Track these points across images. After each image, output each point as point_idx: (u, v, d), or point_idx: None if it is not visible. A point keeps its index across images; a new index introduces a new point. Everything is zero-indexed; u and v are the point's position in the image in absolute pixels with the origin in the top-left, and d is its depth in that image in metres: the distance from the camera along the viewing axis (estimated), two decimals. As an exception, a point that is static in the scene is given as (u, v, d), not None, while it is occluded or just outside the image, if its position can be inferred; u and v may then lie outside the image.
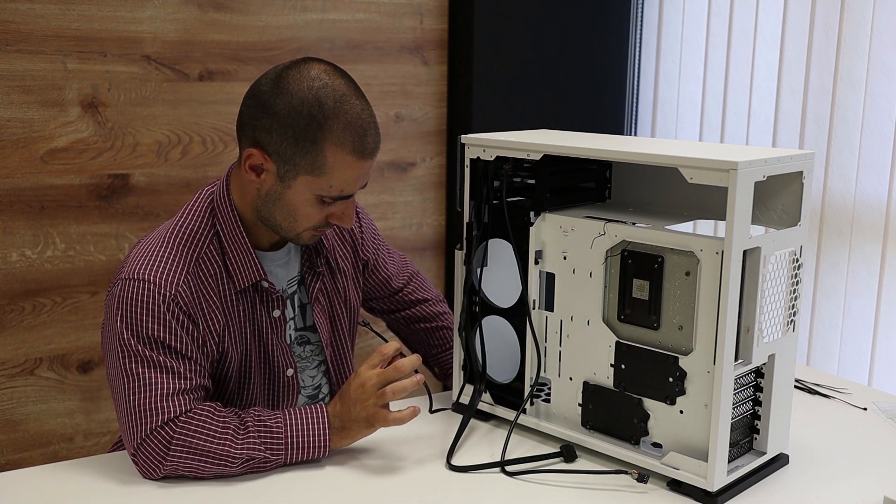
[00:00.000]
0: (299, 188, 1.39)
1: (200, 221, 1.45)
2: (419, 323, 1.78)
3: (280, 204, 1.41)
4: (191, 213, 1.45)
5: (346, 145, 1.36)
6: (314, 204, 1.41)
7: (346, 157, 1.37)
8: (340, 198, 1.41)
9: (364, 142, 1.38)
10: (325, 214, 1.43)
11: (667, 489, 1.35)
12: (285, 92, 1.35)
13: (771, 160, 1.28)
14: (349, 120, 1.36)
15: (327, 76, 1.37)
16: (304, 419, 1.40)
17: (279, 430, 1.38)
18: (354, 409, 1.39)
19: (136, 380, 1.35)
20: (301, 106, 1.34)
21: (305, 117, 1.34)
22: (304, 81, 1.35)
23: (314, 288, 1.56)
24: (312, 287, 1.56)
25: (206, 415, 1.36)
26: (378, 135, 1.41)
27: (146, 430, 1.34)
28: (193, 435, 1.34)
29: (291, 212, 1.41)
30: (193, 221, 1.45)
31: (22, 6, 2.09)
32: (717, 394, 1.28)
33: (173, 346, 1.37)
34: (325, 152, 1.36)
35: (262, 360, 1.51)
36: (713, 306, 1.28)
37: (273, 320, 1.50)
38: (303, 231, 1.45)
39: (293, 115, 1.34)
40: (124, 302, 1.36)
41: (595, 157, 1.40)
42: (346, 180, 1.39)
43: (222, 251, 1.44)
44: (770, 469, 1.41)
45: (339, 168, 1.37)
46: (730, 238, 1.24)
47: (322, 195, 1.39)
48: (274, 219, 1.43)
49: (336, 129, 1.35)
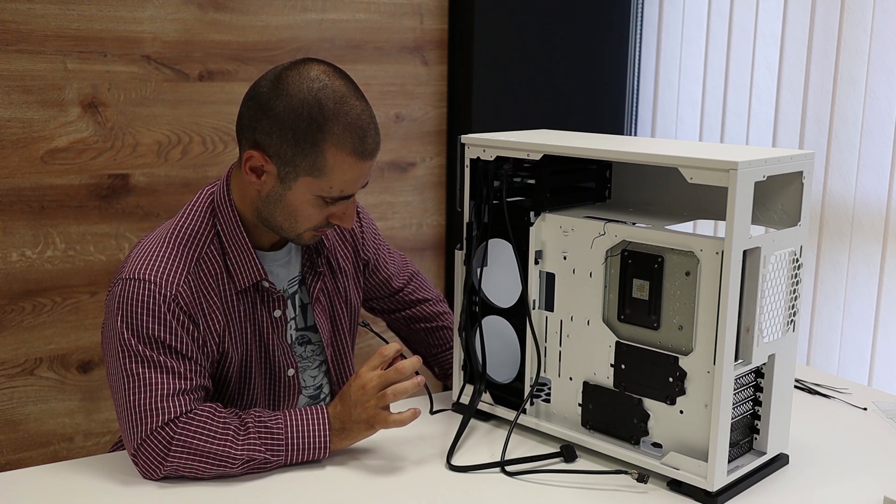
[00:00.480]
0: (300, 189, 1.39)
1: (201, 222, 1.45)
2: (419, 323, 1.78)
3: (281, 205, 1.41)
4: (191, 213, 1.45)
5: (346, 146, 1.36)
6: (315, 205, 1.41)
7: (346, 158, 1.37)
8: (341, 198, 1.41)
9: (364, 143, 1.37)
10: (325, 215, 1.43)
11: (667, 489, 1.35)
12: (285, 93, 1.35)
13: (771, 160, 1.28)
14: (349, 121, 1.36)
15: (327, 77, 1.37)
16: (305, 420, 1.40)
17: (279, 432, 1.38)
18: (355, 411, 1.39)
19: (136, 380, 1.35)
20: (301, 107, 1.34)
21: (305, 119, 1.34)
22: (304, 83, 1.35)
23: (315, 288, 1.56)
24: (313, 287, 1.56)
25: (206, 416, 1.36)
26: (378, 135, 1.41)
27: (146, 430, 1.34)
28: (194, 436, 1.34)
29: (292, 213, 1.41)
30: (194, 221, 1.45)
31: (22, 6, 2.09)
32: (717, 394, 1.28)
33: (174, 346, 1.37)
34: (326, 154, 1.36)
35: (262, 361, 1.51)
36: (713, 306, 1.28)
37: (274, 320, 1.50)
38: (304, 231, 1.45)
39: (293, 117, 1.34)
40: (125, 302, 1.36)
41: (595, 157, 1.40)
42: (346, 181, 1.39)
43: (223, 251, 1.44)
44: (770, 469, 1.41)
45: (340, 169, 1.37)
46: (730, 238, 1.24)
47: (322, 196, 1.39)
48: (275, 220, 1.43)
49: (336, 131, 1.35)
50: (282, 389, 1.54)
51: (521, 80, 2.81)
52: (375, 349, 1.43)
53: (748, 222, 1.26)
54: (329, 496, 1.32)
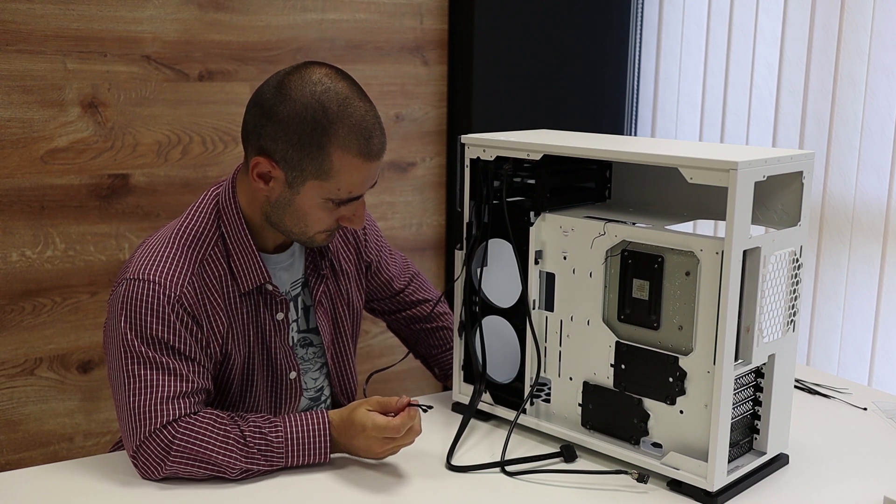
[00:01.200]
0: (308, 193, 1.39)
1: (205, 223, 1.44)
2: (419, 323, 1.78)
3: (290, 210, 1.41)
4: (196, 214, 1.45)
5: (352, 148, 1.36)
6: (324, 208, 1.41)
7: (352, 159, 1.36)
8: (350, 199, 1.41)
9: (370, 143, 1.37)
10: (335, 217, 1.43)
11: (667, 489, 1.35)
12: (288, 98, 1.35)
13: (771, 160, 1.28)
14: (353, 122, 1.35)
15: (329, 80, 1.36)
16: (305, 428, 1.39)
17: (279, 445, 1.38)
18: (357, 441, 1.40)
19: (137, 381, 1.35)
20: (305, 112, 1.34)
21: (310, 123, 1.34)
22: (307, 87, 1.35)
23: (318, 291, 1.56)
24: (316, 290, 1.56)
25: (208, 422, 1.36)
26: (383, 135, 1.41)
27: (146, 431, 1.34)
28: (195, 442, 1.34)
29: (302, 217, 1.41)
30: (198, 223, 1.44)
31: (22, 6, 2.10)
32: (718, 394, 1.28)
33: (177, 347, 1.37)
34: (332, 157, 1.35)
35: (265, 363, 1.51)
36: (713, 306, 1.28)
37: (276, 323, 1.50)
38: (314, 234, 1.45)
39: (297, 122, 1.34)
40: (128, 302, 1.36)
41: (595, 157, 1.40)
42: (353, 182, 1.39)
43: (227, 253, 1.44)
44: (770, 469, 1.41)
45: (347, 171, 1.37)
46: (730, 238, 1.24)
47: (331, 198, 1.39)
48: (285, 224, 1.43)
49: (341, 133, 1.35)
50: (284, 392, 1.54)
51: (521, 80, 2.81)
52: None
53: (748, 222, 1.26)
54: (329, 496, 1.32)
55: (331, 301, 1.59)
